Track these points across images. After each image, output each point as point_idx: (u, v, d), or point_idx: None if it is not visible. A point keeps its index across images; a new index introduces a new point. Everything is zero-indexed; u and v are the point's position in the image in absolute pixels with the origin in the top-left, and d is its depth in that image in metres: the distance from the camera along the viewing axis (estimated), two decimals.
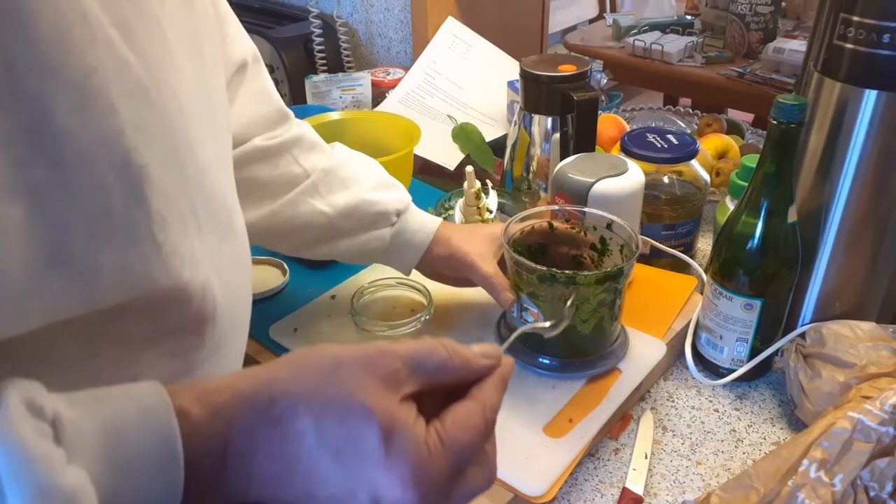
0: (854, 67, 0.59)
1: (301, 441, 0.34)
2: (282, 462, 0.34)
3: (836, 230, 0.64)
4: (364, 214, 0.68)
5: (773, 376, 0.70)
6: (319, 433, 0.34)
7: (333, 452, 0.33)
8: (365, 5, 1.36)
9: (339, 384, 0.35)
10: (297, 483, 0.34)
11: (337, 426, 0.34)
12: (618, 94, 1.22)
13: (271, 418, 0.34)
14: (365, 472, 0.33)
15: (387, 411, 0.34)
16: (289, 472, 0.34)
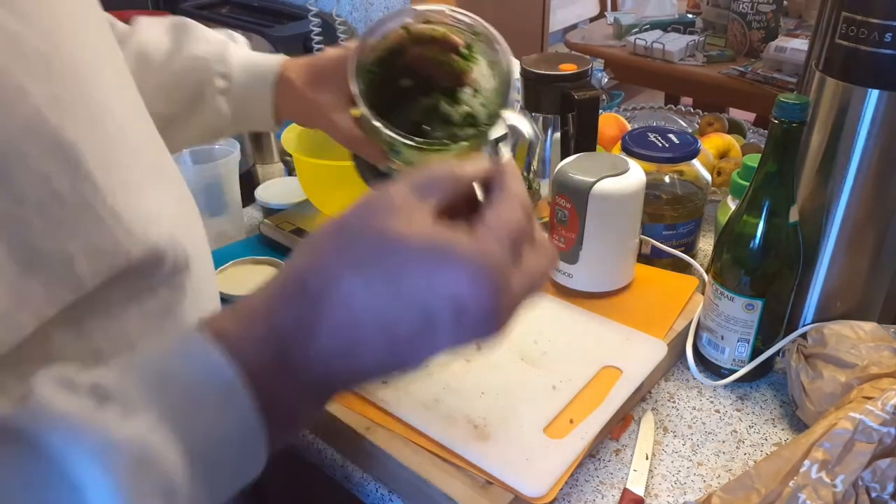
0: (856, 67, 0.59)
1: (352, 301, 0.32)
2: (346, 330, 0.32)
3: (837, 230, 0.64)
4: (182, 91, 0.63)
5: (775, 377, 0.70)
6: (366, 284, 0.32)
7: (392, 293, 0.32)
8: (364, 4, 1.36)
9: (360, 235, 0.33)
10: (372, 341, 0.32)
11: (380, 270, 0.32)
12: (619, 94, 1.22)
13: (312, 297, 0.32)
14: (431, 290, 0.32)
15: (419, 226, 0.32)
16: (358, 335, 0.32)
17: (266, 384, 0.31)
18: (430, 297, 0.32)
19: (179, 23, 0.68)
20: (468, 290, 0.32)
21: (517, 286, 0.34)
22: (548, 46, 1.64)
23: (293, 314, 0.32)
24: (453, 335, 0.33)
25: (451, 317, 0.32)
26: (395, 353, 0.33)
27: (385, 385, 0.63)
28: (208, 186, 0.87)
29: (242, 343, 0.31)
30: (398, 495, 0.59)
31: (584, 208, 0.70)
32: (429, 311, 0.32)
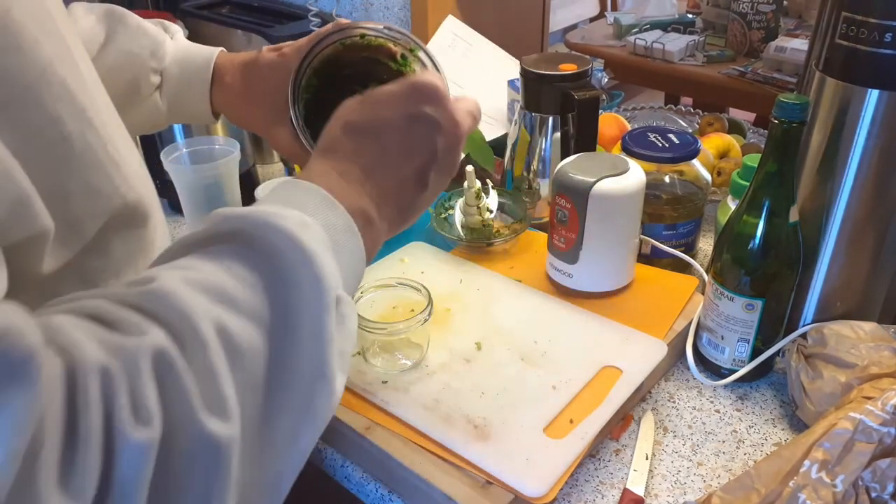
0: (856, 67, 0.59)
1: (364, 139, 0.46)
2: (370, 151, 0.46)
3: (837, 230, 0.64)
4: (116, 87, 0.63)
5: (775, 377, 0.70)
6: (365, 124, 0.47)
7: (377, 117, 0.46)
8: (364, 4, 1.36)
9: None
10: (384, 145, 0.46)
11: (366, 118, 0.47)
12: (619, 93, 1.22)
13: (340, 149, 0.46)
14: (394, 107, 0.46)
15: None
16: (374, 147, 0.46)
17: (346, 200, 0.43)
18: (407, 108, 0.46)
19: (113, 12, 0.68)
20: (426, 91, 0.46)
21: (457, 107, 0.47)
22: (548, 46, 1.64)
23: (336, 161, 0.46)
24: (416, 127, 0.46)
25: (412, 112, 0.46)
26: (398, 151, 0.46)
27: (385, 385, 0.63)
28: (208, 186, 0.87)
29: (321, 178, 0.44)
30: (398, 495, 0.59)
31: (584, 208, 0.70)
32: (411, 117, 0.46)
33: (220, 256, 0.36)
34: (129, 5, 0.79)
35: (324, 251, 0.38)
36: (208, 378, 0.32)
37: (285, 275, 0.36)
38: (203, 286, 0.34)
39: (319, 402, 0.36)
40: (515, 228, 0.84)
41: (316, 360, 0.36)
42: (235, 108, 0.67)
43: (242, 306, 0.35)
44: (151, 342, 0.31)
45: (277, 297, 0.36)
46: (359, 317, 0.63)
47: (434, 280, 0.75)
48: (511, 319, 0.71)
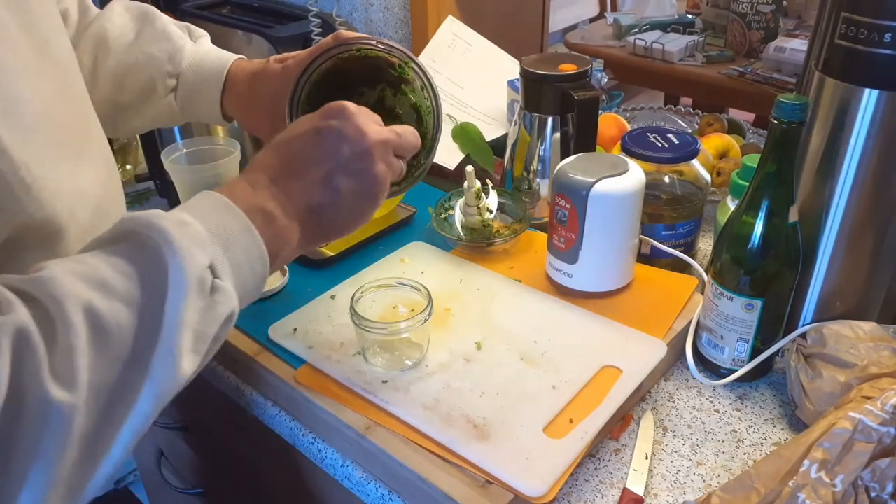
0: (855, 67, 0.59)
1: (277, 148, 0.54)
2: (282, 158, 0.53)
3: (836, 230, 0.64)
4: (135, 83, 0.70)
5: (774, 377, 0.70)
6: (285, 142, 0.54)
7: (294, 133, 0.54)
8: (364, 4, 1.36)
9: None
10: (297, 160, 0.52)
11: (293, 132, 0.54)
12: (618, 94, 1.22)
13: (258, 163, 0.53)
14: (313, 122, 0.54)
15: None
16: (288, 155, 0.53)
17: (244, 202, 0.49)
18: (314, 123, 0.53)
19: (146, 14, 0.73)
20: (332, 110, 0.54)
21: (371, 123, 0.54)
22: (548, 46, 1.64)
23: (245, 172, 0.52)
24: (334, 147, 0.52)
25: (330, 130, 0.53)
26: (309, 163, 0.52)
27: (385, 385, 0.63)
28: (208, 186, 0.86)
29: (223, 189, 0.50)
30: (398, 495, 0.59)
31: (584, 208, 0.70)
32: (317, 131, 0.53)
33: (109, 252, 0.43)
34: None
35: (194, 244, 0.44)
36: (65, 354, 0.38)
37: (158, 265, 0.42)
38: (83, 275, 0.41)
39: (163, 375, 0.42)
40: (515, 228, 0.84)
41: (168, 338, 0.42)
42: (243, 116, 0.72)
43: (117, 291, 0.41)
44: (15, 320, 0.37)
45: (150, 284, 0.42)
46: (359, 317, 0.63)
47: (434, 280, 0.75)
48: (511, 319, 0.71)
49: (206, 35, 0.75)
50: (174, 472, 1.14)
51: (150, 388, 0.41)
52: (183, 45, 0.71)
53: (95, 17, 0.72)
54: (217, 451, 0.98)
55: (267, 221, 0.50)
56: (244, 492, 0.96)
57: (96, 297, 0.40)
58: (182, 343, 0.42)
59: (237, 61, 0.72)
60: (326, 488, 0.73)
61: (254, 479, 0.91)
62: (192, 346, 0.43)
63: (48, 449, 0.37)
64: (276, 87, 0.67)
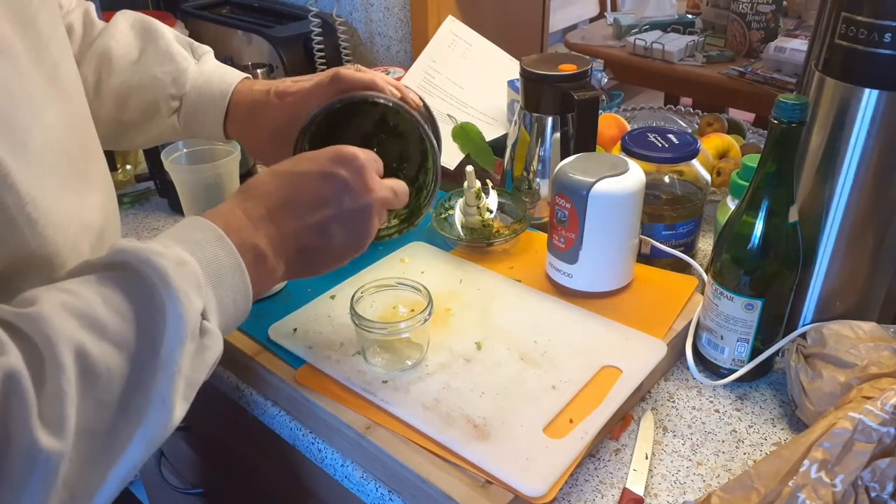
0: (855, 67, 0.59)
1: (275, 179, 0.53)
2: (275, 193, 0.52)
3: (836, 230, 0.64)
4: (139, 104, 0.70)
5: (774, 377, 0.70)
6: (283, 174, 0.54)
7: (294, 173, 0.53)
8: (364, 4, 1.36)
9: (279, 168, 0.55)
10: (294, 196, 0.52)
11: (291, 168, 0.54)
12: (618, 94, 1.22)
13: (250, 190, 0.53)
14: (317, 162, 0.54)
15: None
16: (284, 193, 0.52)
17: (238, 236, 0.48)
18: (324, 166, 0.52)
19: (149, 30, 0.73)
20: (344, 157, 0.53)
21: (376, 178, 0.54)
22: (548, 46, 1.64)
23: (244, 200, 0.51)
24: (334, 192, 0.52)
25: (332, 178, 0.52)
26: (306, 207, 0.52)
27: (385, 385, 0.63)
28: (208, 186, 0.87)
29: (218, 215, 0.49)
30: (398, 495, 0.59)
31: (584, 208, 0.70)
32: (325, 175, 0.52)
33: (104, 284, 0.41)
34: (131, 5, 0.79)
35: (192, 289, 0.43)
36: (54, 398, 0.37)
37: (154, 308, 0.41)
38: (77, 312, 0.39)
39: (156, 424, 0.41)
40: (515, 228, 0.84)
41: (162, 388, 0.41)
42: (245, 141, 0.73)
43: (110, 333, 0.40)
44: (6, 363, 0.36)
45: (145, 327, 0.41)
46: (359, 317, 0.63)
47: (434, 280, 0.75)
48: (511, 319, 0.71)
49: (209, 52, 0.75)
50: (174, 472, 1.14)
51: (143, 435, 0.40)
52: (186, 66, 0.71)
53: (100, 32, 0.72)
54: (217, 451, 0.98)
55: (257, 260, 0.49)
56: (244, 492, 0.96)
57: (87, 338, 0.39)
58: (175, 392, 0.41)
59: (241, 84, 0.71)
60: (326, 488, 0.73)
61: (254, 479, 0.91)
62: (184, 394, 0.42)
63: (32, 494, 0.36)
64: (276, 123, 0.67)
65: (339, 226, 0.52)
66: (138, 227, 1.00)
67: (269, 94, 0.68)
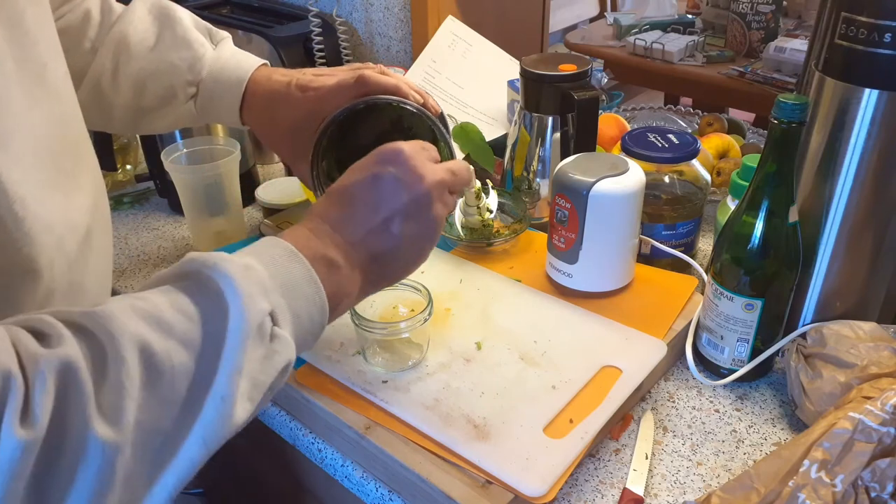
0: (855, 67, 0.59)
1: (342, 193, 0.53)
2: (343, 204, 0.53)
3: (836, 230, 0.64)
4: (156, 90, 0.71)
5: (774, 377, 0.70)
6: (350, 182, 0.54)
7: (356, 178, 0.54)
8: (364, 4, 1.36)
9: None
10: (360, 206, 0.52)
11: (353, 173, 0.54)
12: (618, 94, 1.22)
13: (318, 211, 0.53)
14: (370, 165, 0.54)
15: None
16: (348, 202, 0.53)
17: (308, 250, 0.48)
18: (372, 170, 0.53)
19: (167, 15, 0.73)
20: (388, 155, 0.53)
21: (427, 164, 0.54)
22: (548, 46, 1.64)
23: (308, 221, 0.52)
24: (395, 187, 0.52)
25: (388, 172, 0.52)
26: (371, 208, 0.52)
27: (385, 385, 0.63)
28: (208, 186, 0.87)
29: (286, 235, 0.50)
30: (398, 495, 0.59)
31: (584, 208, 0.70)
32: (375, 177, 0.52)
33: (173, 291, 0.43)
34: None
35: (257, 291, 0.43)
36: (114, 390, 0.37)
37: (218, 307, 0.42)
38: (144, 313, 0.40)
39: (214, 420, 0.41)
40: (515, 228, 0.84)
41: (222, 384, 0.41)
42: (261, 131, 0.72)
43: (176, 332, 0.40)
44: (63, 354, 0.36)
45: (211, 327, 0.42)
46: (359, 316, 0.63)
47: (434, 280, 0.75)
48: (511, 319, 0.71)
49: (227, 38, 0.75)
50: None
51: (199, 431, 0.40)
52: (203, 53, 0.71)
53: (118, 18, 0.72)
54: (218, 451, 0.98)
55: (330, 270, 0.49)
56: (244, 492, 0.96)
57: (152, 335, 0.39)
58: (237, 389, 0.41)
59: (258, 71, 0.71)
60: (326, 488, 0.73)
61: (254, 479, 0.91)
62: (248, 394, 0.42)
63: (87, 486, 0.36)
64: (297, 117, 0.67)
65: (403, 221, 0.52)
66: (138, 227, 1.00)
67: (290, 86, 0.68)
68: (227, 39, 0.75)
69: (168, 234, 0.98)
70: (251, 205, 1.02)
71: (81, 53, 0.71)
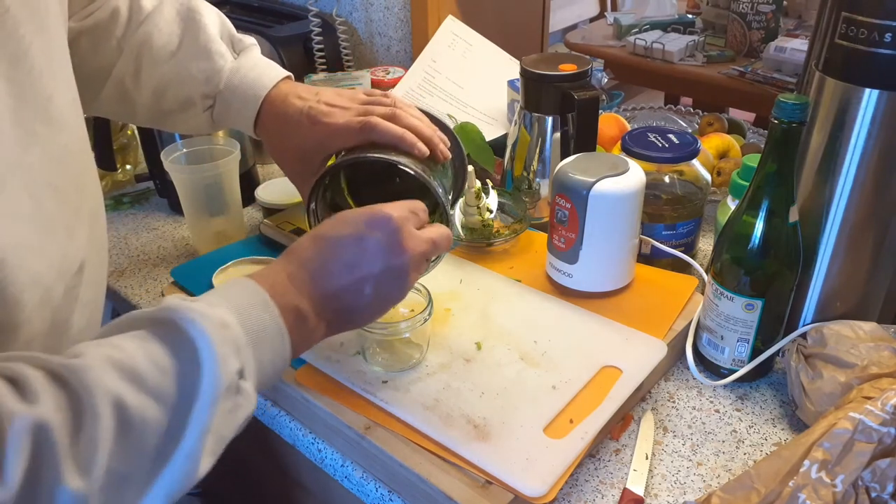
0: (855, 67, 0.59)
1: (320, 246, 0.54)
2: (319, 260, 0.53)
3: (837, 230, 0.64)
4: (175, 96, 0.72)
5: (775, 377, 0.70)
6: (326, 240, 0.54)
7: (337, 237, 0.54)
8: (364, 4, 1.36)
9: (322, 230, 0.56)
10: (335, 264, 0.53)
11: (331, 231, 0.55)
12: (619, 94, 1.22)
13: (299, 254, 0.54)
14: (358, 225, 0.55)
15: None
16: (325, 259, 0.53)
17: (282, 299, 0.50)
18: (360, 230, 0.54)
19: (192, 18, 0.73)
20: (378, 220, 0.54)
21: (412, 236, 0.55)
22: (548, 46, 1.64)
23: (288, 264, 0.53)
24: (378, 256, 0.53)
25: (372, 240, 0.53)
26: (347, 269, 0.53)
27: (385, 385, 0.63)
28: (208, 186, 0.87)
29: (265, 278, 0.51)
30: (398, 495, 0.59)
31: (584, 208, 0.70)
32: (360, 238, 0.53)
33: (149, 339, 0.44)
34: None
35: (231, 351, 0.45)
36: (88, 444, 0.38)
37: (195, 366, 0.43)
38: (120, 365, 0.41)
39: (180, 476, 0.42)
40: (515, 228, 0.84)
41: (191, 442, 0.42)
42: (270, 149, 0.73)
43: (149, 385, 0.41)
44: (39, 414, 0.37)
45: (183, 382, 0.43)
46: None
47: (434, 280, 0.74)
48: (511, 319, 0.71)
49: (252, 45, 0.75)
50: None
51: (163, 485, 0.42)
52: (222, 66, 0.71)
53: (146, 17, 0.72)
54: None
55: (298, 322, 0.51)
56: (244, 492, 0.96)
57: (126, 389, 0.40)
58: (203, 447, 0.43)
59: (277, 89, 0.71)
60: (326, 488, 0.73)
61: (254, 479, 0.91)
62: (212, 449, 0.44)
63: None
64: (305, 146, 0.67)
65: (375, 285, 0.54)
66: (138, 227, 1.00)
67: (302, 114, 0.68)
68: (251, 48, 0.75)
69: (168, 234, 0.98)
70: (251, 205, 1.02)
71: (108, 51, 0.72)
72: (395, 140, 0.63)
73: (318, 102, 0.68)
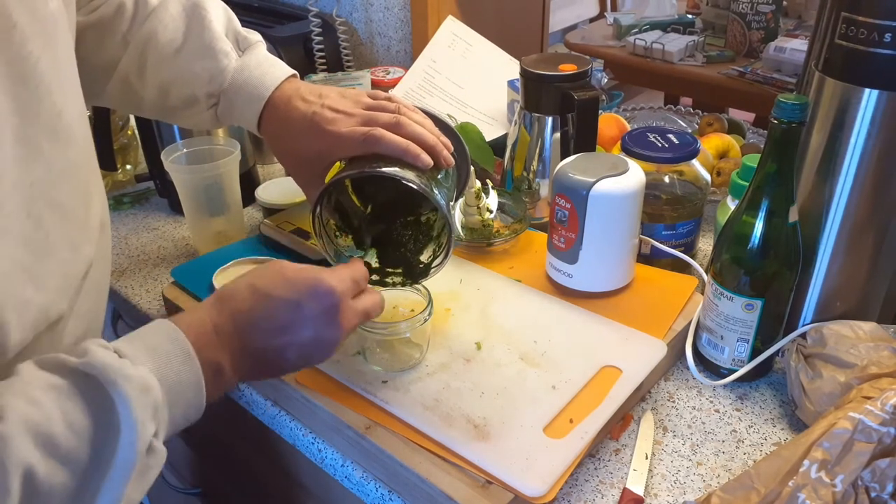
0: (855, 67, 0.59)
1: (251, 303, 0.54)
2: (249, 318, 0.53)
3: (836, 230, 0.64)
4: (179, 93, 0.72)
5: (774, 377, 0.70)
6: (259, 296, 0.54)
7: (273, 297, 0.54)
8: (364, 4, 1.36)
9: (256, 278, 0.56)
10: (263, 324, 0.53)
11: (266, 290, 0.55)
12: (618, 94, 1.22)
13: (226, 304, 0.54)
14: (296, 290, 0.54)
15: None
16: (254, 319, 0.53)
17: (205, 353, 0.50)
18: (300, 297, 0.53)
19: (198, 17, 0.72)
20: (320, 292, 0.54)
21: (348, 309, 0.55)
22: (548, 46, 1.64)
23: (218, 313, 0.53)
24: (312, 324, 0.53)
25: (309, 310, 0.53)
26: (279, 332, 0.53)
27: (385, 385, 0.63)
28: (208, 186, 0.87)
29: (191, 326, 0.51)
30: (398, 495, 0.59)
31: (584, 208, 0.70)
32: (298, 306, 0.53)
33: (69, 395, 0.43)
34: None
35: (149, 417, 0.45)
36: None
37: (111, 430, 0.43)
38: (35, 430, 0.41)
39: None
40: (515, 228, 0.84)
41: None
42: (273, 148, 0.72)
43: (62, 451, 0.41)
44: None
45: (98, 447, 0.43)
46: None
47: (434, 280, 0.75)
48: (511, 319, 0.71)
49: (257, 42, 0.74)
50: (174, 472, 1.14)
51: None
52: (226, 65, 0.71)
53: (151, 12, 0.72)
54: (217, 451, 0.98)
55: (216, 376, 0.51)
56: (243, 492, 0.96)
57: (37, 457, 0.40)
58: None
59: (281, 90, 0.70)
60: (326, 488, 0.73)
61: (254, 479, 0.91)
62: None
63: None
64: (307, 151, 0.67)
65: (299, 351, 0.54)
66: (138, 227, 1.00)
67: (306, 120, 0.67)
68: (257, 45, 0.74)
69: (168, 234, 0.98)
70: (251, 205, 1.02)
71: (114, 46, 0.71)
72: (398, 153, 0.62)
73: (322, 107, 0.66)
